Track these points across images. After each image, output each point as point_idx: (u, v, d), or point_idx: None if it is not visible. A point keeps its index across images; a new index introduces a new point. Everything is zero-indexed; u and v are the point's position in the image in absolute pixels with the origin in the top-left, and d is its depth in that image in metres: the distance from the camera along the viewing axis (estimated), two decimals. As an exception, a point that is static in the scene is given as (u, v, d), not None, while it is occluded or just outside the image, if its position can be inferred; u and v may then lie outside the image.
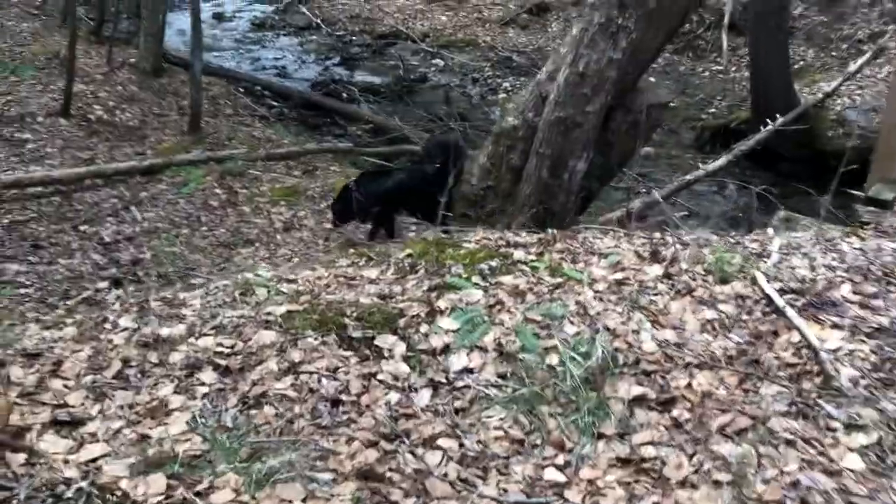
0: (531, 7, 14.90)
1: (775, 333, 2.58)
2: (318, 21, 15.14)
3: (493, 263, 3.03)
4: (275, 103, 10.94)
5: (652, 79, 11.83)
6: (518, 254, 3.15)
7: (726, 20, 12.13)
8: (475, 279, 2.92)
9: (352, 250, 3.48)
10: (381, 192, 6.03)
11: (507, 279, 2.92)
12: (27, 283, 5.61)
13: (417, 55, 13.81)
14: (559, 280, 2.92)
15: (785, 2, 9.72)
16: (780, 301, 2.67)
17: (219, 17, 15.61)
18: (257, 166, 7.73)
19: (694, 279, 2.90)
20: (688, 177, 7.26)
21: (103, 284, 5.63)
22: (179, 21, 15.19)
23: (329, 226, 6.27)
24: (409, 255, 3.15)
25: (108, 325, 2.69)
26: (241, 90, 11.10)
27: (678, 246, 3.21)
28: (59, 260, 5.97)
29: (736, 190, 8.25)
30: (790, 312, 2.60)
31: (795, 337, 2.52)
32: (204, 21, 14.97)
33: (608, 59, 5.48)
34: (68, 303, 5.36)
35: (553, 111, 5.80)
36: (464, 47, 14.04)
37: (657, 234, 3.49)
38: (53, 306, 5.32)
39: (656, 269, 2.98)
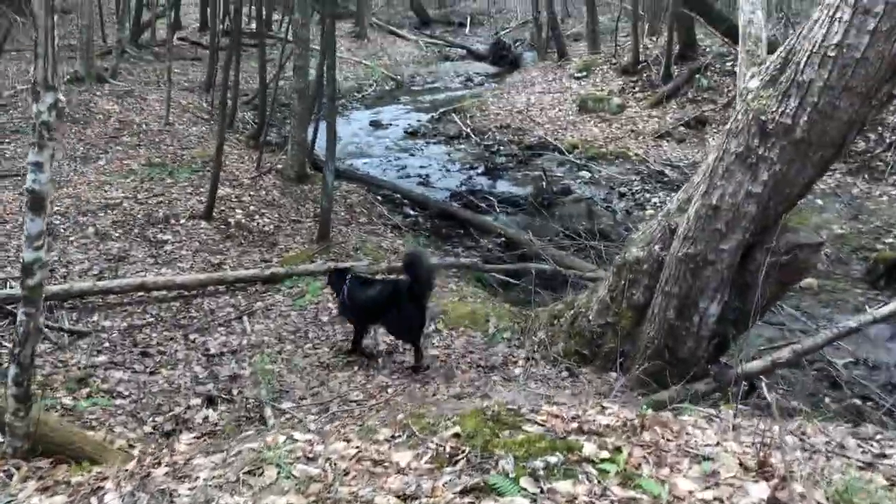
0: (689, 120, 14.25)
1: None
2: (468, 130, 15.30)
3: (553, 459, 2.47)
4: (411, 212, 10.93)
5: (819, 201, 10.84)
6: (589, 447, 2.56)
7: (909, 139, 10.93)
8: (524, 481, 2.36)
9: (401, 415, 3.00)
10: (359, 301, 5.88)
11: (564, 486, 2.34)
12: (125, 392, 5.58)
13: (564, 166, 13.50)
14: (630, 494, 2.31)
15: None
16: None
17: (376, 124, 16.19)
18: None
19: (812, 512, 2.19)
20: (850, 322, 6.24)
21: (196, 401, 5.50)
22: (339, 127, 15.89)
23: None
24: (456, 436, 2.65)
25: (94, 500, 2.38)
26: (381, 198, 11.22)
27: (797, 454, 2.49)
28: (162, 370, 5.95)
29: (913, 339, 7.06)
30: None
31: None
32: (361, 128, 15.66)
33: (746, 193, 4.83)
34: (157, 419, 5.27)
35: (682, 246, 5.18)
36: (613, 160, 13.58)
37: (775, 429, 2.77)
38: (142, 421, 5.24)
39: (761, 490, 2.29)
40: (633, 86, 16.24)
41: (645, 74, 16.40)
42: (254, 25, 20.35)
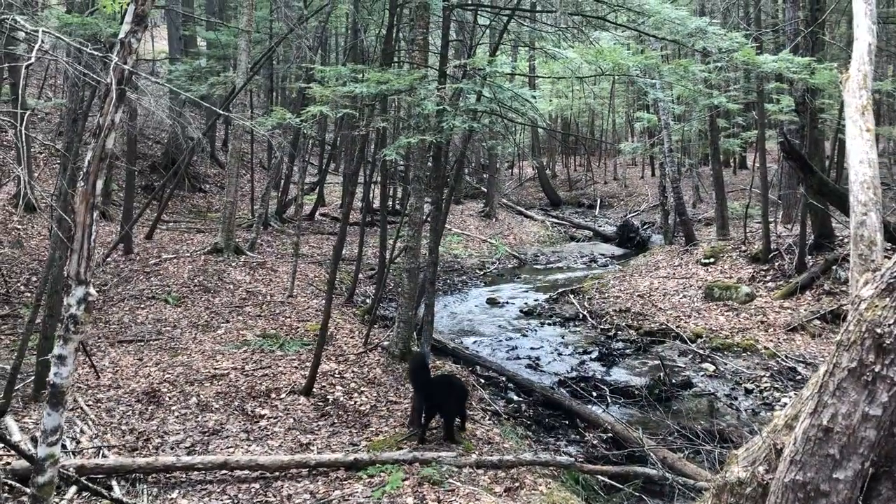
0: (825, 314, 13.27)
1: None
2: (586, 313, 14.94)
3: None
4: (515, 397, 10.52)
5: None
6: None
7: None
8: None
9: None
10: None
11: None
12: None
13: (685, 356, 12.75)
14: None
15: None
16: None
17: (492, 302, 16.19)
18: (462, 475, 7.12)
19: None
20: None
21: None
22: (456, 304, 16.03)
23: None
24: None
25: None
26: (484, 380, 10.93)
27: None
28: (223, 559, 5.71)
29: None
30: None
31: None
32: (477, 305, 15.69)
33: (862, 415, 4.20)
34: None
35: (788, 470, 4.52)
36: (740, 352, 12.70)
37: None
38: None
39: None
40: (763, 275, 15.49)
41: (777, 263, 15.65)
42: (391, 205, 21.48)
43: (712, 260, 17.02)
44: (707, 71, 8.42)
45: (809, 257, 14.96)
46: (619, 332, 14.00)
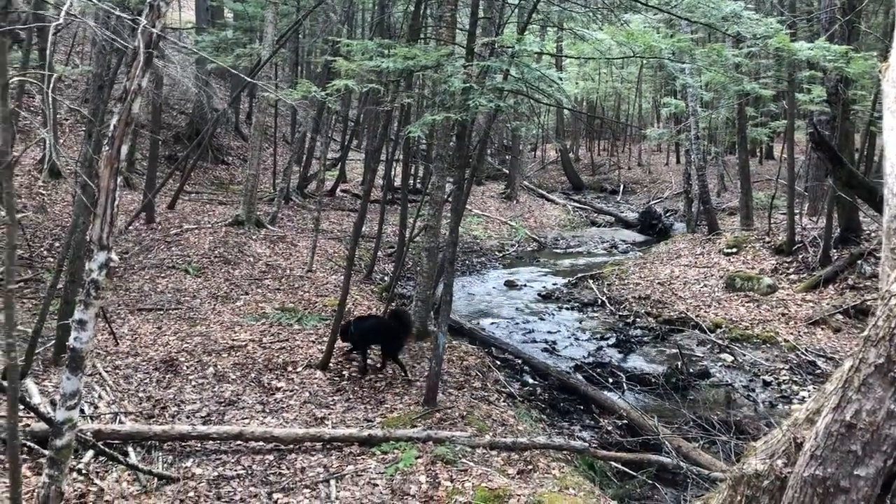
0: (848, 309, 13.09)
1: None
2: (604, 298, 14.85)
3: None
4: (530, 380, 10.49)
5: None
6: None
7: None
8: None
9: None
10: (361, 330, 9.16)
11: None
12: (194, 549, 5.39)
13: (704, 346, 12.64)
14: None
15: None
16: None
17: (510, 284, 16.14)
18: (475, 455, 7.11)
19: None
20: None
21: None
22: (474, 285, 16.00)
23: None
24: None
25: None
26: (500, 362, 10.90)
27: None
28: (236, 529, 5.74)
29: None
30: None
31: None
32: (495, 287, 15.64)
33: (888, 412, 4.12)
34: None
35: (808, 465, 4.45)
36: (760, 344, 12.57)
37: None
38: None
39: None
40: (786, 267, 15.31)
41: (801, 255, 15.45)
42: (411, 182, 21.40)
43: (735, 250, 16.84)
44: (739, 56, 8.24)
45: (834, 251, 14.75)
46: (638, 319, 13.91)
